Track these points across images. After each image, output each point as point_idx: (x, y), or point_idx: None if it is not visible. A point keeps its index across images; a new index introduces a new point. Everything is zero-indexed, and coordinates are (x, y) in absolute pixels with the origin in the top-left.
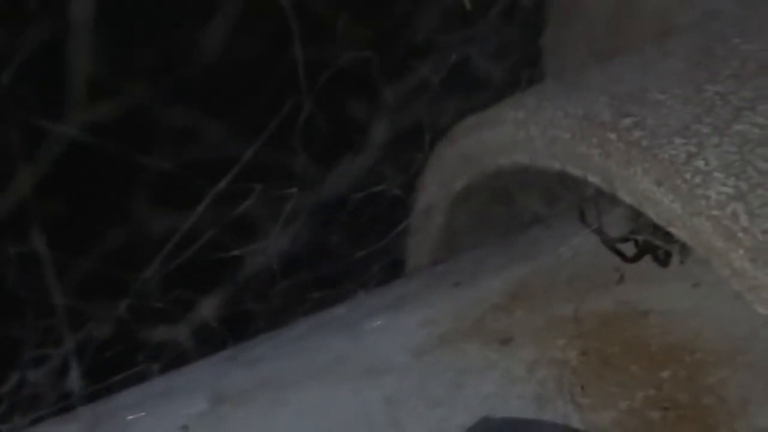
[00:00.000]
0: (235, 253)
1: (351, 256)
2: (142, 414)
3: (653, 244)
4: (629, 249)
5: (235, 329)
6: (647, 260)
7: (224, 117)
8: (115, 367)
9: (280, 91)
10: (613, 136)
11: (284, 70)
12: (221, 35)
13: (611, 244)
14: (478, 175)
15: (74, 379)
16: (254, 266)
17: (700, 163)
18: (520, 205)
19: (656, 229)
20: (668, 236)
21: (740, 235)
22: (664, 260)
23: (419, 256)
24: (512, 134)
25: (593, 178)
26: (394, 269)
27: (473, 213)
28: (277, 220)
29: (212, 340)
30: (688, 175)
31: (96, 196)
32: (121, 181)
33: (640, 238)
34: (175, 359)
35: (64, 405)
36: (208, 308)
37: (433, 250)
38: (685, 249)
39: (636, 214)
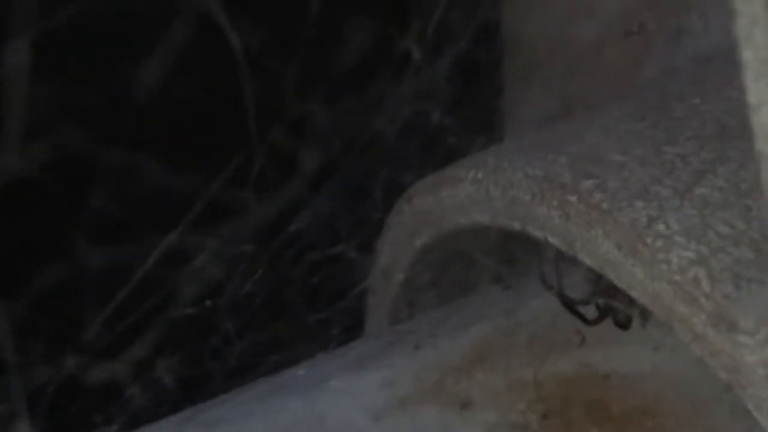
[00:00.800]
0: (189, 311)
1: (306, 318)
2: None
3: (614, 307)
4: (590, 311)
5: (193, 390)
6: (608, 323)
7: (168, 157)
8: (71, 427)
9: (229, 132)
10: (573, 198)
11: (232, 111)
12: (159, 74)
13: (572, 307)
14: (437, 233)
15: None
16: (208, 324)
17: (661, 227)
18: (479, 266)
19: (617, 292)
20: (629, 299)
21: (702, 300)
22: (625, 323)
23: (379, 315)
24: (471, 194)
25: (554, 240)
26: (353, 330)
27: (433, 272)
28: (231, 278)
29: (169, 401)
30: (649, 240)
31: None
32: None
33: (600, 300)
34: (132, 420)
35: None
36: (162, 368)
37: (392, 309)
38: (646, 312)
39: (597, 277)
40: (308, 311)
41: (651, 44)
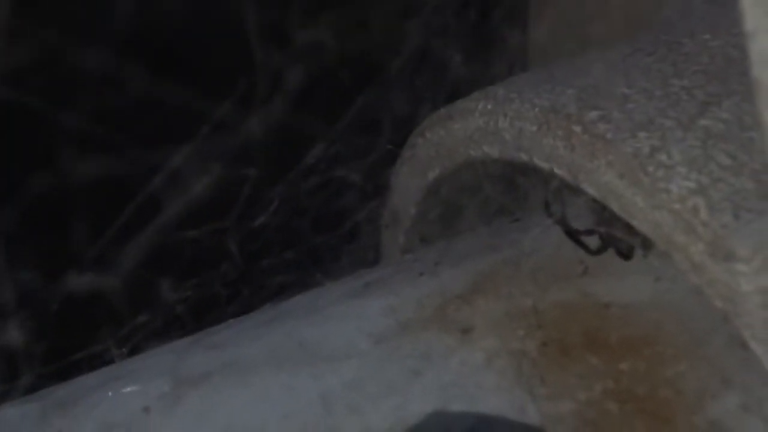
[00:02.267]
0: (192, 233)
1: (312, 241)
2: (107, 394)
3: (617, 237)
4: (593, 242)
5: (201, 314)
6: (611, 253)
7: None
8: (79, 347)
9: (231, 53)
10: (578, 128)
11: (235, 32)
12: None
13: (575, 236)
14: (449, 166)
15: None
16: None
17: (663, 157)
18: (488, 197)
19: (620, 222)
20: (631, 230)
21: (700, 229)
22: (627, 253)
23: (392, 249)
24: (481, 125)
25: (559, 171)
26: (364, 259)
27: (444, 206)
28: (236, 202)
29: (178, 325)
30: (650, 169)
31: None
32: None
33: (603, 231)
34: (141, 343)
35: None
36: (168, 291)
37: (405, 244)
38: (647, 242)
39: (600, 208)
40: (313, 235)
41: None
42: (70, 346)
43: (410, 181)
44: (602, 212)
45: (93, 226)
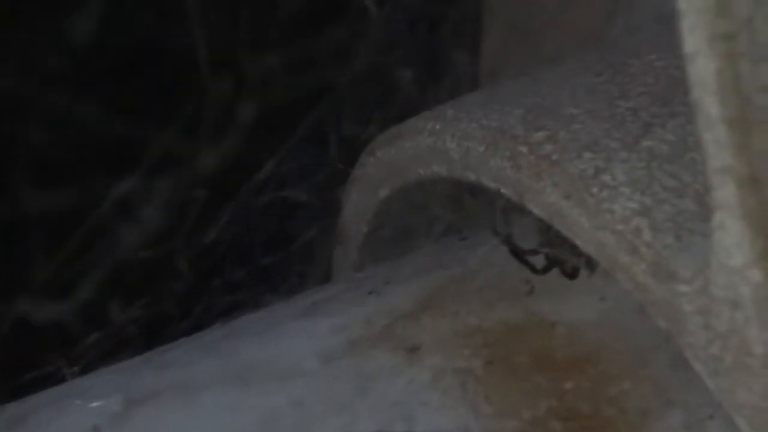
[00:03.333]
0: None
1: (260, 261)
2: (57, 412)
3: (562, 257)
4: (539, 261)
5: (151, 334)
6: (557, 273)
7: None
8: (30, 368)
9: (178, 80)
10: (524, 149)
11: (183, 59)
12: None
13: (521, 256)
14: (400, 185)
15: None
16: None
17: (607, 178)
18: (437, 216)
19: (565, 242)
20: (576, 250)
21: (643, 249)
22: (572, 273)
23: (344, 265)
24: (430, 145)
25: (505, 191)
26: (314, 277)
27: (396, 223)
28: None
29: (129, 346)
30: (595, 190)
31: None
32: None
33: (549, 251)
34: (92, 362)
35: None
36: (118, 312)
37: (357, 262)
38: (591, 263)
39: (546, 228)
40: (260, 255)
41: (617, 2)
42: (21, 366)
43: (361, 199)
44: (548, 232)
45: (46, 252)
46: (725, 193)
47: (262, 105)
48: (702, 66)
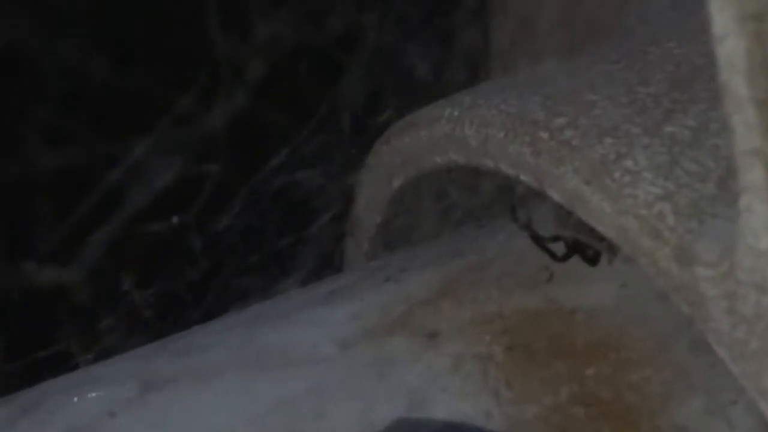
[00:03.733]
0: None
1: (276, 244)
2: (72, 399)
3: (582, 243)
4: (560, 248)
5: (168, 320)
6: (577, 259)
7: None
8: (42, 346)
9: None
10: (545, 134)
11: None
12: None
13: (541, 243)
14: (415, 173)
15: None
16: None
17: (629, 163)
18: (453, 204)
19: (586, 228)
20: (597, 235)
21: (666, 234)
22: (592, 259)
23: (357, 255)
24: (447, 132)
25: (525, 177)
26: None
27: (410, 213)
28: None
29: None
30: (617, 175)
31: None
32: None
33: (569, 237)
34: (107, 350)
35: None
36: (131, 289)
37: (370, 252)
38: (613, 248)
39: (566, 214)
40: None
41: None
42: (32, 342)
43: (375, 188)
44: (568, 218)
45: (55, 216)
46: (753, 175)
47: (273, 75)
48: (731, 46)
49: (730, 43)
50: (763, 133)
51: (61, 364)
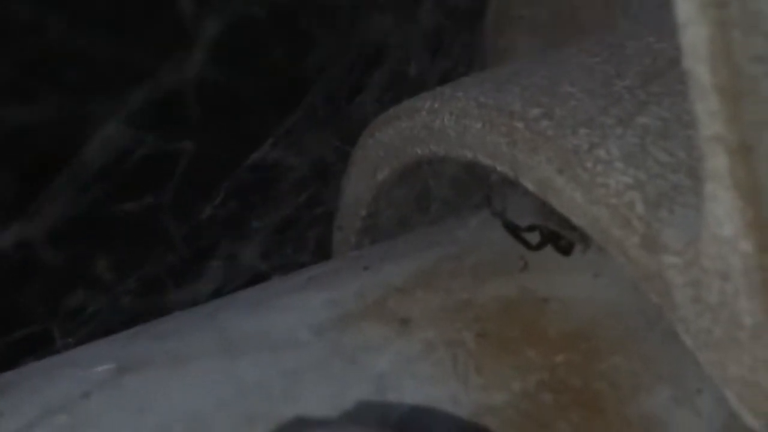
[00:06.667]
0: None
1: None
2: (47, 379)
3: (556, 233)
4: (534, 237)
5: (148, 305)
6: (551, 249)
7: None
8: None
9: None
10: (520, 125)
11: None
12: None
13: (515, 232)
14: (398, 166)
15: None
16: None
17: (602, 153)
18: (435, 196)
19: (559, 217)
20: (571, 226)
21: (635, 222)
22: (566, 249)
23: (344, 248)
24: (427, 124)
25: (501, 167)
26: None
27: (396, 206)
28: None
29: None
30: (589, 164)
31: None
32: None
33: (543, 227)
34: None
35: None
36: (103, 267)
37: (357, 245)
38: (586, 238)
39: (541, 204)
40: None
41: None
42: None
43: (360, 182)
44: (542, 208)
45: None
46: (716, 163)
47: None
48: (694, 33)
49: (692, 30)
50: (726, 120)
51: (40, 348)
